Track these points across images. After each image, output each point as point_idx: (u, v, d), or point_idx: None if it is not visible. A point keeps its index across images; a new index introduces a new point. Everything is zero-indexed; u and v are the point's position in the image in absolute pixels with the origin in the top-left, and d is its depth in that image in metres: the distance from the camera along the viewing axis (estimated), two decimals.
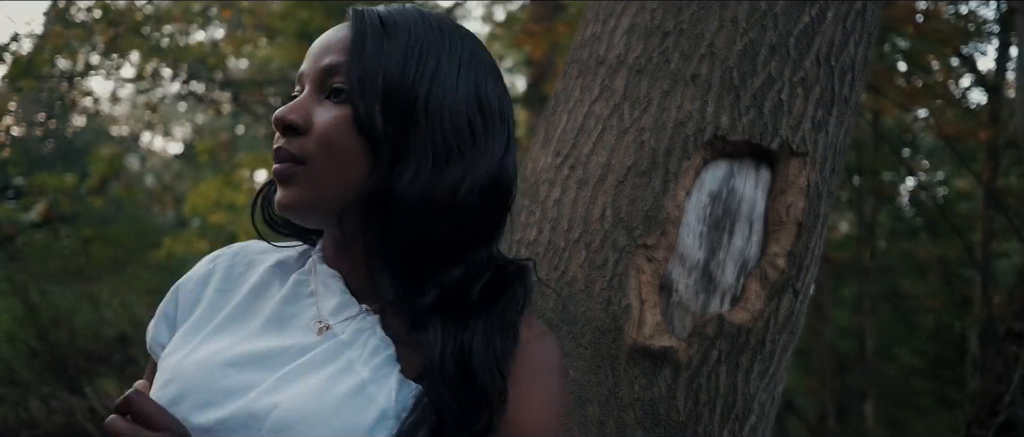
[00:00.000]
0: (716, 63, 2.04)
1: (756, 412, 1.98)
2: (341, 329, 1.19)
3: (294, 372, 1.13)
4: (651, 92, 2.05)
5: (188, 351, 1.21)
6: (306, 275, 1.28)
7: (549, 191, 2.06)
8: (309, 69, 1.20)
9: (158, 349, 1.31)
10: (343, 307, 1.22)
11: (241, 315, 1.26)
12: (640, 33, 2.12)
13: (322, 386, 1.10)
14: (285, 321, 1.23)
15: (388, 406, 1.10)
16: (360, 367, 1.14)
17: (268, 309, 1.25)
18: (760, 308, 1.96)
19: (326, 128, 1.15)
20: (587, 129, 2.08)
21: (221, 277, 1.33)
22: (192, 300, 1.32)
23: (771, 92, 2.03)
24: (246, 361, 1.15)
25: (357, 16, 1.20)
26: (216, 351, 1.18)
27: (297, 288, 1.27)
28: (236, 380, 1.13)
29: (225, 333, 1.23)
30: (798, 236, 2.01)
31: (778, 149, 2.02)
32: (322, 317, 1.21)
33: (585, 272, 1.94)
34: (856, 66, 2.16)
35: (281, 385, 1.11)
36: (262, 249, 1.39)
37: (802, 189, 2.03)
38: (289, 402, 1.08)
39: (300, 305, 1.25)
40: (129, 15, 9.41)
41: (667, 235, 1.94)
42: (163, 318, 1.34)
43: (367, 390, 1.11)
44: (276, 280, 1.30)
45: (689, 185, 1.99)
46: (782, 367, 2.04)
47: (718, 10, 2.08)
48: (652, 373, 1.88)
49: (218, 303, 1.29)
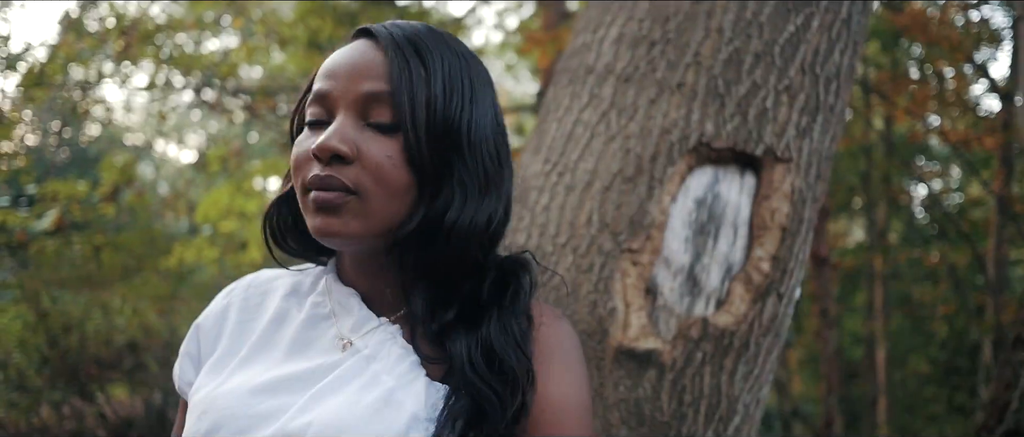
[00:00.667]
0: (701, 71, 2.08)
1: (741, 413, 2.01)
2: (363, 344, 1.22)
3: (324, 390, 1.16)
4: (638, 100, 2.09)
5: (218, 383, 1.24)
6: (322, 297, 1.31)
7: (538, 197, 2.10)
8: (342, 92, 1.18)
9: (186, 388, 1.35)
10: (362, 322, 1.26)
11: (265, 345, 1.29)
12: (628, 42, 2.16)
13: (352, 399, 1.14)
14: (308, 345, 1.26)
15: (418, 409, 1.14)
16: (385, 377, 1.18)
17: (289, 336, 1.28)
18: (744, 311, 2.00)
19: (379, 161, 1.15)
20: (576, 136, 2.12)
21: (238, 309, 1.36)
22: (214, 336, 1.35)
23: (756, 100, 2.07)
24: (276, 386, 1.19)
25: (387, 39, 1.19)
26: (245, 380, 1.22)
27: (315, 310, 1.30)
28: (269, 405, 1.16)
29: (252, 363, 1.26)
30: (782, 241, 2.05)
31: (763, 155, 2.06)
32: (343, 334, 1.25)
33: (572, 276, 1.98)
34: (841, 74, 2.20)
35: (312, 404, 1.15)
36: (272, 276, 1.42)
37: (786, 195, 2.06)
38: (323, 418, 1.12)
39: (320, 328, 1.28)
40: (141, 24, 9.49)
41: (652, 239, 1.98)
42: (187, 358, 1.37)
43: (395, 397, 1.15)
44: (293, 307, 1.33)
45: (674, 191, 2.03)
46: (767, 369, 2.08)
47: (704, 19, 2.12)
48: (637, 374, 1.92)
49: (240, 335, 1.33)
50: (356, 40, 1.24)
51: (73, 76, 9.89)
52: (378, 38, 1.20)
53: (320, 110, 1.19)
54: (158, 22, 10.06)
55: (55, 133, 13.50)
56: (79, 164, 15.91)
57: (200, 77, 11.17)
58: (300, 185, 1.19)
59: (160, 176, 23.04)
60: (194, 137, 22.90)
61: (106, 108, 10.87)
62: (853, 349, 15.55)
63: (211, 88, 11.61)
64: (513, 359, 1.18)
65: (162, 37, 10.07)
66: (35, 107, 9.93)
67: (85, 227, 8.25)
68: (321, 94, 1.19)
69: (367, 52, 1.19)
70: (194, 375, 1.34)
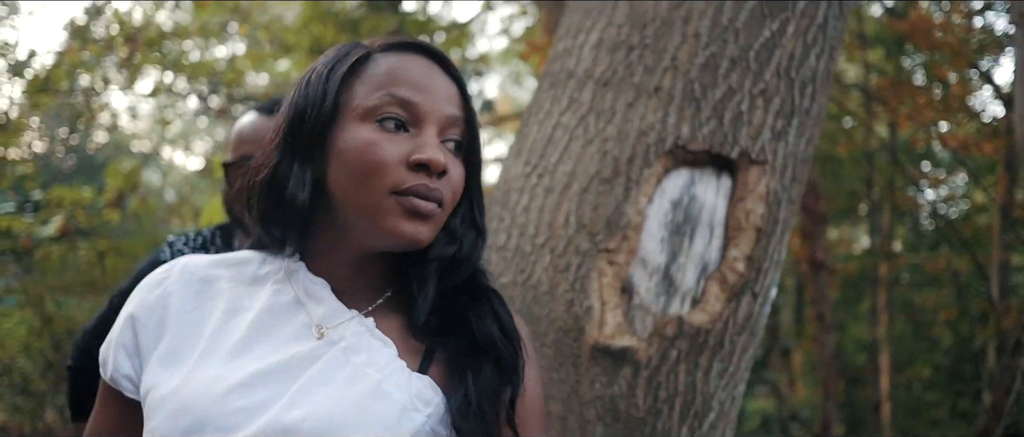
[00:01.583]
0: (678, 76, 2.12)
1: (716, 410, 2.05)
2: (338, 335, 1.25)
3: (309, 384, 1.19)
4: (615, 104, 2.13)
5: (183, 379, 1.23)
6: (282, 284, 1.31)
7: (518, 198, 2.15)
8: (432, 109, 1.24)
9: (122, 380, 1.31)
10: (335, 313, 1.28)
11: (224, 336, 1.28)
12: (607, 47, 2.21)
13: (341, 393, 1.17)
14: (272, 333, 1.27)
15: (407, 400, 1.19)
16: (368, 369, 1.21)
17: (248, 324, 1.28)
18: (719, 310, 2.04)
19: (458, 180, 1.26)
20: (555, 139, 2.17)
21: (180, 298, 1.33)
22: (154, 327, 1.31)
23: (731, 103, 2.11)
24: (254, 380, 1.20)
25: (450, 63, 1.30)
26: (217, 375, 1.21)
27: (276, 298, 1.30)
28: (251, 400, 1.17)
29: (215, 357, 1.25)
30: (757, 241, 2.09)
31: (738, 158, 2.11)
32: (317, 322, 1.27)
33: (549, 275, 2.03)
34: (817, 78, 2.24)
35: (300, 398, 1.17)
36: (206, 263, 1.38)
37: (762, 196, 2.11)
38: (316, 411, 1.15)
39: (284, 315, 1.28)
40: (146, 31, 9.56)
41: (628, 240, 2.03)
42: (121, 348, 1.32)
43: (383, 388, 1.19)
44: (245, 297, 1.33)
45: (651, 192, 2.08)
46: (742, 367, 2.12)
47: (681, 25, 2.17)
48: (613, 371, 1.96)
49: (191, 327, 1.30)
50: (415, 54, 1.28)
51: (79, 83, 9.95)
52: (443, 61, 1.29)
53: (404, 114, 1.23)
54: (163, 29, 10.13)
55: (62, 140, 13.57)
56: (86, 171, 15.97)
57: (206, 84, 11.24)
58: (388, 185, 1.21)
59: (167, 183, 23.12)
60: (201, 144, 22.99)
61: (112, 114, 10.93)
62: (857, 355, 15.56)
63: (217, 95, 11.69)
64: (515, 332, 1.29)
65: (167, 44, 10.14)
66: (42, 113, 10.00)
67: (90, 233, 8.29)
68: (410, 102, 1.23)
69: (440, 73, 1.27)
70: (130, 368, 1.31)
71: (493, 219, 2.19)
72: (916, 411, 13.77)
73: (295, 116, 1.27)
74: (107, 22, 9.73)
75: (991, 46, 11.22)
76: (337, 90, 1.25)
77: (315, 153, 1.25)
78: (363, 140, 1.22)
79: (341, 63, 1.27)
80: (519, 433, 1.24)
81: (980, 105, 12.76)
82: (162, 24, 10.37)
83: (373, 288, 1.31)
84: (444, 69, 1.27)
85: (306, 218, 1.27)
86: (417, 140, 1.22)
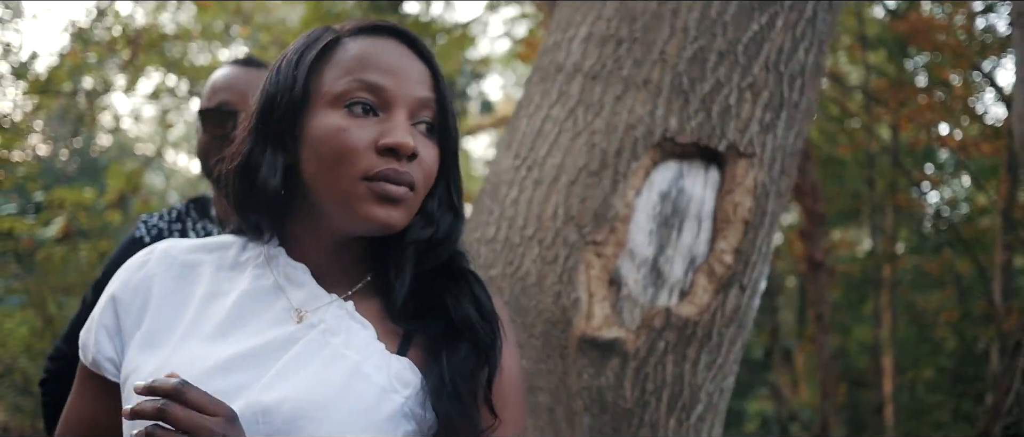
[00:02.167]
0: (667, 69, 2.13)
1: (704, 402, 2.06)
2: (318, 319, 1.26)
3: (288, 366, 1.20)
4: (604, 97, 2.14)
5: (161, 362, 1.24)
6: (262, 269, 1.32)
7: (508, 191, 2.16)
8: (401, 92, 1.24)
9: (105, 362, 1.32)
10: (314, 297, 1.28)
11: (203, 320, 1.29)
12: (596, 41, 2.22)
13: (320, 374, 1.18)
14: (252, 317, 1.28)
15: (386, 381, 1.20)
16: (347, 351, 1.22)
17: (228, 309, 1.29)
18: (707, 302, 2.05)
19: (431, 163, 1.25)
20: (544, 132, 2.18)
21: (161, 281, 1.34)
22: (136, 309, 1.32)
23: (719, 96, 2.12)
24: (233, 364, 1.21)
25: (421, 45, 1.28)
26: (197, 357, 1.23)
27: (256, 282, 1.31)
28: (231, 382, 1.18)
29: (196, 339, 1.27)
30: (745, 234, 2.10)
31: (726, 150, 2.12)
32: (296, 306, 1.28)
33: (537, 267, 2.04)
34: (806, 72, 2.25)
35: (279, 380, 1.18)
36: (188, 247, 1.39)
37: (749, 189, 2.11)
38: (296, 393, 1.16)
39: (264, 301, 1.29)
40: (148, 33, 9.59)
41: (616, 232, 2.04)
42: (103, 330, 1.33)
43: (362, 370, 1.20)
44: (224, 282, 1.34)
45: (639, 185, 2.09)
46: (731, 359, 2.12)
47: (670, 18, 2.18)
48: (600, 362, 1.97)
49: (171, 310, 1.32)
50: (385, 37, 1.28)
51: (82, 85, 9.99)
52: (413, 43, 1.28)
53: (372, 99, 1.23)
54: (165, 31, 10.17)
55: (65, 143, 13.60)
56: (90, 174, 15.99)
57: None
58: (358, 172, 1.22)
59: (170, 186, 23.16)
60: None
61: (115, 116, 10.96)
62: (861, 357, 15.55)
63: None
64: (493, 313, 1.30)
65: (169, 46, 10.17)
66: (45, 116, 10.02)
67: (92, 234, 8.31)
68: (378, 86, 1.23)
69: (410, 55, 1.26)
70: (112, 350, 1.32)
71: (482, 211, 2.20)
72: (918, 413, 13.76)
73: (266, 103, 1.27)
74: (109, 24, 9.75)
75: (994, 47, 11.22)
76: (306, 76, 1.26)
77: (287, 140, 1.25)
78: (332, 126, 1.22)
79: (310, 49, 1.27)
80: (497, 413, 1.25)
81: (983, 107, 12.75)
82: (164, 26, 10.40)
83: (352, 272, 1.31)
84: (415, 51, 1.27)
85: (280, 204, 1.28)
86: (386, 124, 1.22)
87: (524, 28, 14.08)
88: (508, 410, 1.28)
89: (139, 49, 9.29)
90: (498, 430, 1.25)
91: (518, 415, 1.30)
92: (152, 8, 10.37)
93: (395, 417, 1.18)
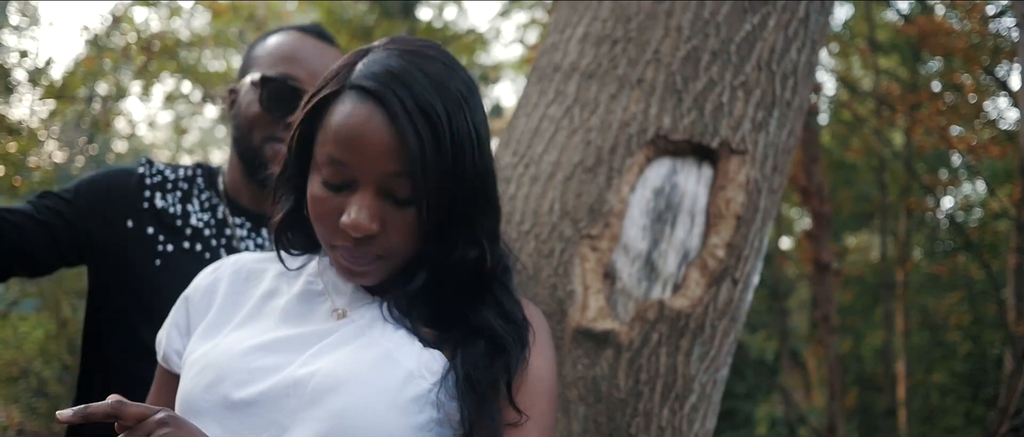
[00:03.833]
0: (660, 68, 2.18)
1: (697, 392, 2.11)
2: (358, 315, 1.38)
3: (324, 349, 1.31)
4: (599, 95, 2.20)
5: (214, 344, 1.37)
6: (315, 276, 1.46)
7: (506, 188, 2.21)
8: (362, 170, 1.25)
9: (173, 356, 1.47)
10: (356, 299, 1.41)
11: (258, 314, 1.42)
12: (592, 41, 2.28)
13: (353, 355, 1.28)
14: (301, 316, 1.40)
15: (415, 368, 1.28)
16: (382, 339, 1.32)
17: (282, 307, 1.42)
18: (700, 295, 2.10)
19: (403, 232, 1.29)
20: (541, 130, 2.24)
21: (228, 282, 1.48)
22: (204, 306, 1.47)
23: (712, 95, 2.17)
24: (274, 346, 1.32)
25: (396, 107, 1.22)
26: (242, 340, 1.35)
27: (309, 286, 1.44)
28: (269, 361, 1.30)
29: (246, 328, 1.39)
30: (737, 229, 2.15)
31: (718, 147, 2.17)
32: (338, 307, 1.40)
33: (534, 260, 2.09)
34: (799, 71, 2.30)
35: (313, 360, 1.28)
36: (258, 258, 1.55)
37: (742, 185, 2.16)
38: (327, 368, 1.25)
39: (313, 303, 1.42)
40: (162, 39, 9.69)
41: (611, 226, 2.09)
42: (174, 328, 1.49)
43: (393, 356, 1.29)
44: (284, 284, 1.47)
45: (633, 180, 2.14)
46: (724, 352, 2.17)
47: (664, 18, 2.23)
48: (595, 353, 2.03)
49: (232, 306, 1.45)
50: (368, 102, 1.25)
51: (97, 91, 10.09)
52: (387, 106, 1.23)
53: (337, 174, 1.27)
54: (180, 38, 10.27)
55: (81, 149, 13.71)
56: None
57: (224, 93, 11.36)
58: (324, 234, 1.33)
59: None
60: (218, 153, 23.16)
61: (129, 121, 11.08)
62: (874, 361, 15.56)
63: None
64: (520, 318, 1.38)
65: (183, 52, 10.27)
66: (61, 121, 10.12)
67: None
68: (340, 162, 1.25)
69: (379, 123, 1.23)
70: (181, 345, 1.47)
71: None
72: (930, 417, 13.76)
73: (295, 131, 1.36)
74: (124, 30, 9.86)
75: (1006, 52, 11.23)
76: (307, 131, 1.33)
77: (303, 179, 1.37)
78: (313, 192, 1.32)
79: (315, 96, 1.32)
80: (522, 411, 1.30)
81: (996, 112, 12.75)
82: (178, 32, 10.51)
83: (394, 282, 1.39)
84: (391, 118, 1.23)
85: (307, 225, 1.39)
86: (350, 199, 1.27)
87: (535, 35, 14.16)
88: (534, 409, 1.33)
89: (153, 55, 9.39)
90: (522, 428, 1.31)
91: (544, 417, 1.36)
92: (166, 15, 10.47)
93: (419, 401, 1.26)
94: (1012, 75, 13.68)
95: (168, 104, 10.89)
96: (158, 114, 13.26)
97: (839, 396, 8.85)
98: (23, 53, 8.93)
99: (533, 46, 13.93)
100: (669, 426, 2.06)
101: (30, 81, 8.63)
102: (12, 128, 8.01)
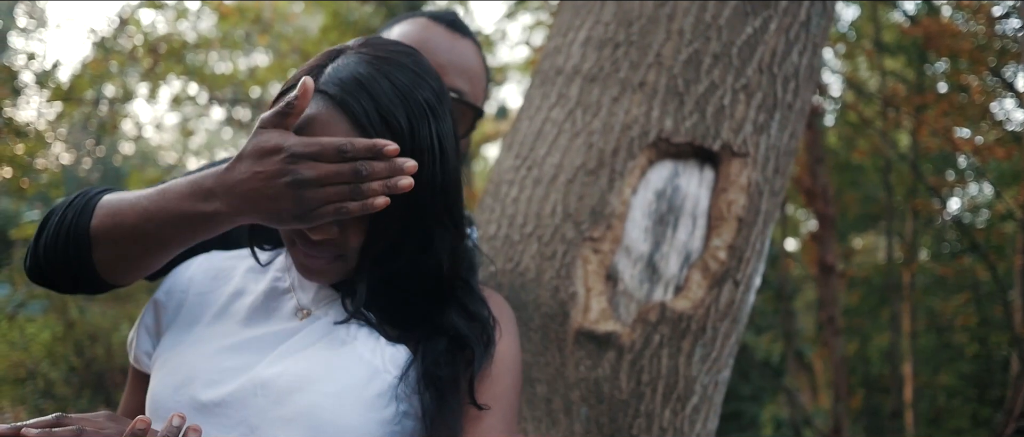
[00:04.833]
0: (662, 71, 2.20)
1: (698, 394, 2.12)
2: (323, 312, 1.39)
3: (290, 348, 1.33)
4: (601, 98, 2.21)
5: (186, 345, 1.39)
6: (282, 272, 1.47)
7: (508, 190, 2.23)
8: None
9: (143, 357, 1.48)
10: (321, 297, 1.42)
11: (225, 314, 1.43)
12: (594, 44, 2.29)
13: (319, 354, 1.31)
14: (267, 314, 1.42)
15: (380, 363, 1.31)
16: (347, 337, 1.34)
17: (248, 306, 1.43)
18: (701, 297, 2.11)
19: (363, 235, 1.30)
20: (544, 133, 2.25)
21: (198, 283, 1.50)
22: (174, 306, 1.48)
23: (714, 98, 2.18)
24: (240, 347, 1.34)
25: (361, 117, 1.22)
26: (210, 341, 1.37)
27: (275, 284, 1.46)
28: (237, 361, 1.32)
29: (216, 328, 1.41)
30: (739, 231, 2.16)
31: (720, 150, 2.18)
32: (303, 305, 1.41)
33: (536, 263, 2.11)
34: (800, 74, 2.31)
35: (280, 359, 1.30)
36: (227, 256, 1.56)
37: (743, 187, 2.18)
38: (294, 367, 1.28)
39: (280, 300, 1.44)
40: (169, 41, 9.72)
41: (613, 229, 2.10)
42: (144, 330, 1.50)
43: (357, 352, 1.32)
44: (251, 282, 1.48)
45: (635, 183, 2.15)
46: (725, 353, 2.18)
47: (665, 22, 2.24)
48: (597, 355, 2.04)
49: (201, 306, 1.46)
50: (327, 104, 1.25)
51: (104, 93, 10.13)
52: (349, 114, 1.23)
53: None
54: (186, 40, 10.30)
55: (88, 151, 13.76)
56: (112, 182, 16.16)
57: (230, 95, 11.40)
58: (285, 232, 1.34)
59: None
60: (225, 155, 23.23)
61: (136, 124, 11.12)
62: (881, 363, 15.53)
63: (242, 106, 11.84)
64: (484, 315, 1.41)
65: (190, 54, 10.30)
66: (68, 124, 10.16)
67: None
68: None
69: (342, 131, 1.23)
70: (151, 346, 1.48)
71: (484, 210, 2.28)
72: (937, 419, 13.74)
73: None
74: (131, 33, 9.89)
75: (1013, 53, 11.20)
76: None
77: None
78: None
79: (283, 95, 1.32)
80: (478, 402, 1.32)
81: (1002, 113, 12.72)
82: (185, 35, 10.54)
83: (357, 279, 1.40)
84: (352, 126, 1.23)
85: None
86: None
87: (541, 36, 14.16)
88: (494, 389, 1.36)
89: (160, 57, 9.42)
90: (484, 414, 1.33)
91: (504, 399, 1.38)
92: (173, 17, 10.50)
93: (384, 395, 1.28)
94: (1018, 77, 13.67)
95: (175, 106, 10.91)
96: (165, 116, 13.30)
97: (845, 398, 8.86)
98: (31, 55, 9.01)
99: (539, 48, 13.92)
100: (671, 427, 2.07)
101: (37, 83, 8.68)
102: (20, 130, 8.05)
